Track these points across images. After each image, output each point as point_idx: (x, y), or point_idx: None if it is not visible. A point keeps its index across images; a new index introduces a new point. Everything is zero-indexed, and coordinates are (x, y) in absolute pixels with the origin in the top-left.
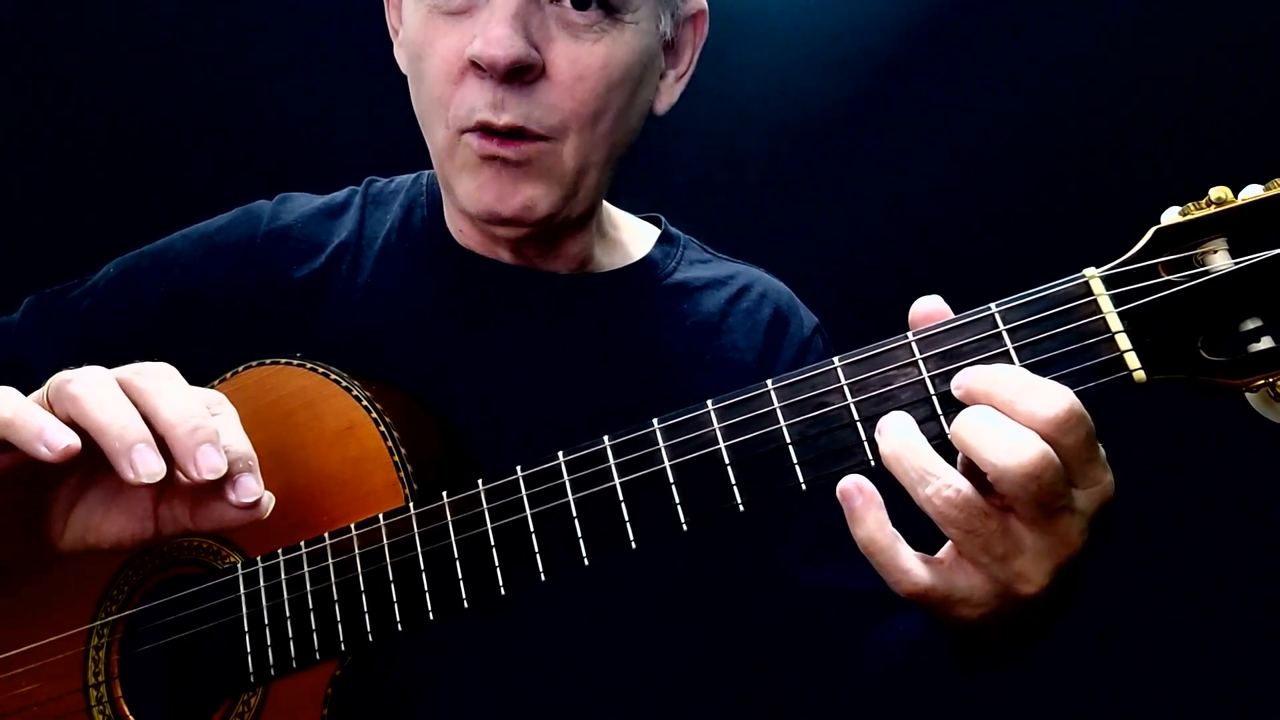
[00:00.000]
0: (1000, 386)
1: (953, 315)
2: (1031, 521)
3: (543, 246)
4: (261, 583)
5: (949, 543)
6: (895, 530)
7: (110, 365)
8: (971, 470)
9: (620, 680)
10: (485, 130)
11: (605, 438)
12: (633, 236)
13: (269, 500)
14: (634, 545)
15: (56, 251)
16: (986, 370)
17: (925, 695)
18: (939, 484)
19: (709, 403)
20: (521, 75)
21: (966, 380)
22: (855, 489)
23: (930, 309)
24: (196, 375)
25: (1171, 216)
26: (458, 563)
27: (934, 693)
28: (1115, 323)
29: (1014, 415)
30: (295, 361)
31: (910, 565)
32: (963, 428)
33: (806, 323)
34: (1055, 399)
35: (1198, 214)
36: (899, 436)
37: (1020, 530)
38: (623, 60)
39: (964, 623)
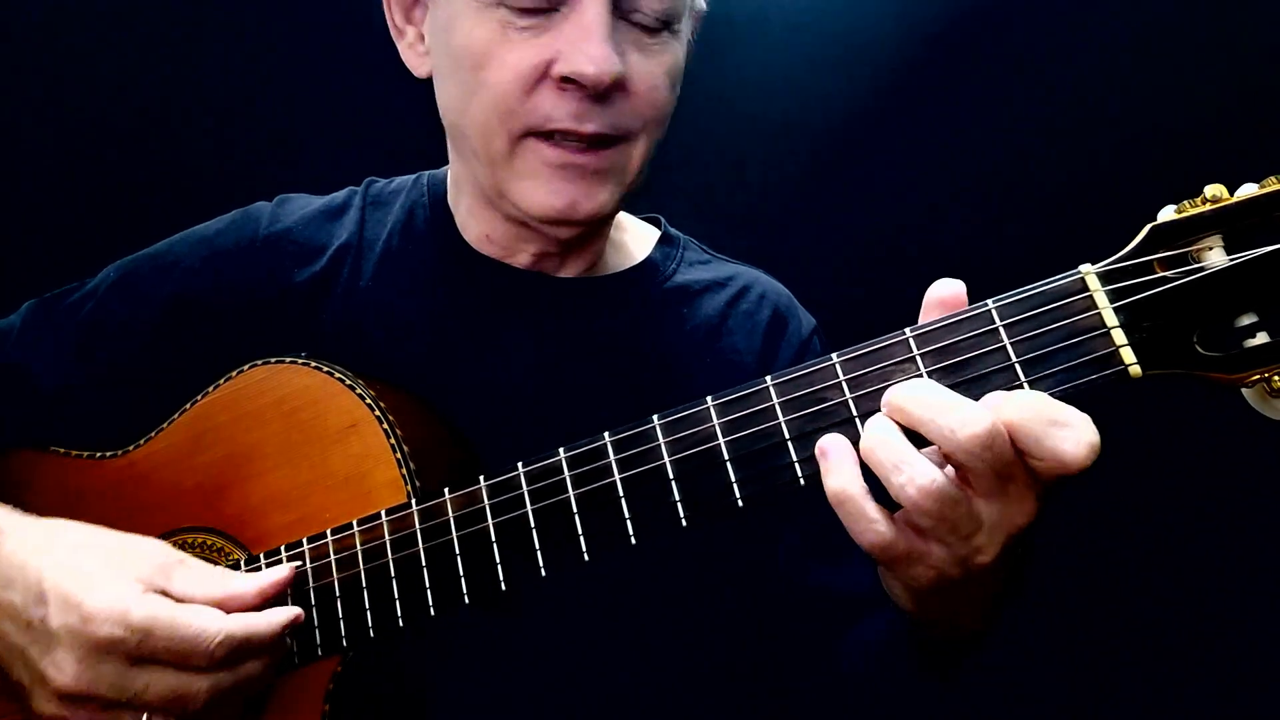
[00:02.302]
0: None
1: (964, 304)
2: (987, 494)
3: (572, 248)
4: None
5: None
6: (867, 485)
7: (113, 369)
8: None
9: (619, 678)
10: (561, 138)
11: (606, 434)
12: (634, 238)
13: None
14: (634, 541)
15: (53, 252)
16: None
17: (898, 690)
18: (911, 473)
19: (708, 399)
20: (611, 93)
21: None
22: (831, 444)
23: (946, 293)
24: (199, 377)
25: (1167, 214)
26: (459, 559)
27: (906, 688)
28: (1111, 318)
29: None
30: (299, 361)
31: (877, 515)
32: (907, 404)
33: (805, 324)
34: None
35: (1193, 211)
36: (877, 431)
37: (979, 505)
38: (677, 68)
39: (918, 583)
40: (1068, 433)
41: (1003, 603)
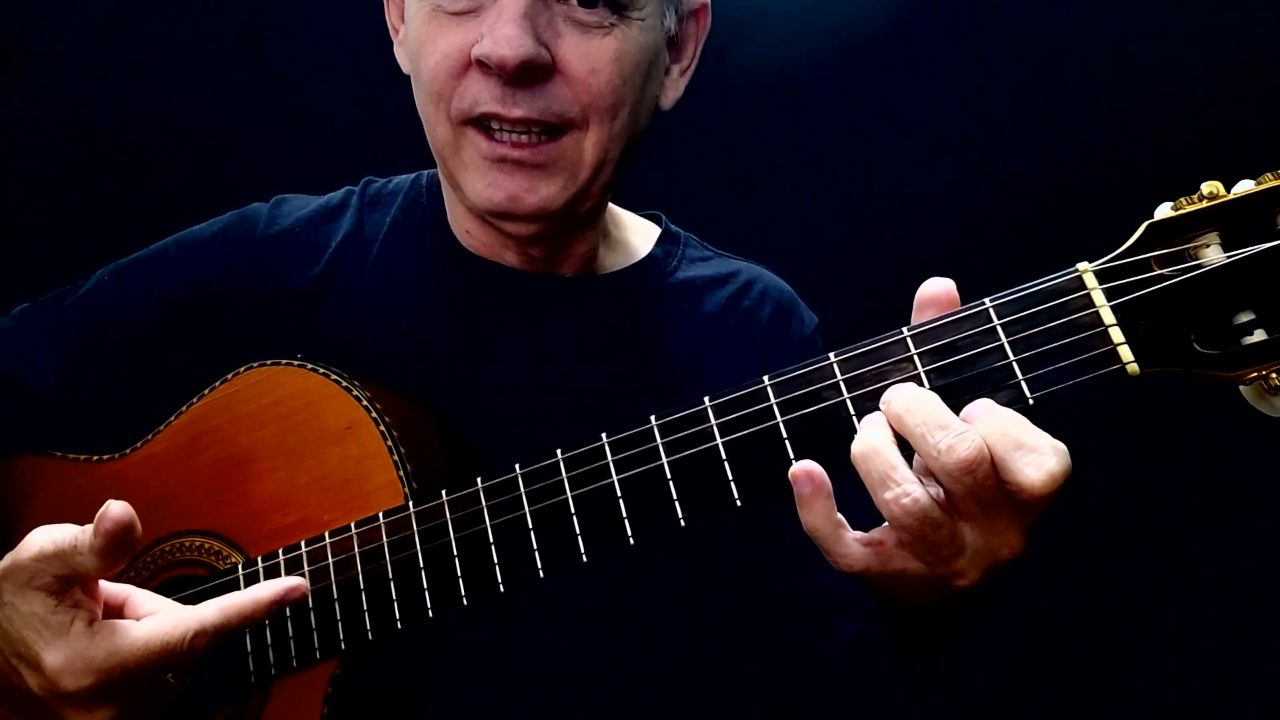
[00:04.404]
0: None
1: (956, 301)
2: (971, 518)
3: (550, 246)
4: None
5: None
6: (840, 517)
7: (108, 372)
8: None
9: (618, 679)
10: (491, 123)
11: (603, 435)
12: (635, 235)
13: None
14: (632, 541)
15: (48, 253)
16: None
17: (881, 675)
18: (898, 491)
19: (706, 399)
20: (531, 76)
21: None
22: (805, 476)
23: (938, 291)
24: (196, 380)
25: (1164, 211)
26: (456, 560)
27: (888, 672)
28: (1108, 316)
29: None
30: (296, 362)
31: (851, 549)
32: (904, 414)
33: (807, 321)
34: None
35: (1190, 208)
36: (871, 437)
37: (964, 531)
38: (632, 55)
39: (895, 590)
40: (1032, 457)
41: (980, 606)
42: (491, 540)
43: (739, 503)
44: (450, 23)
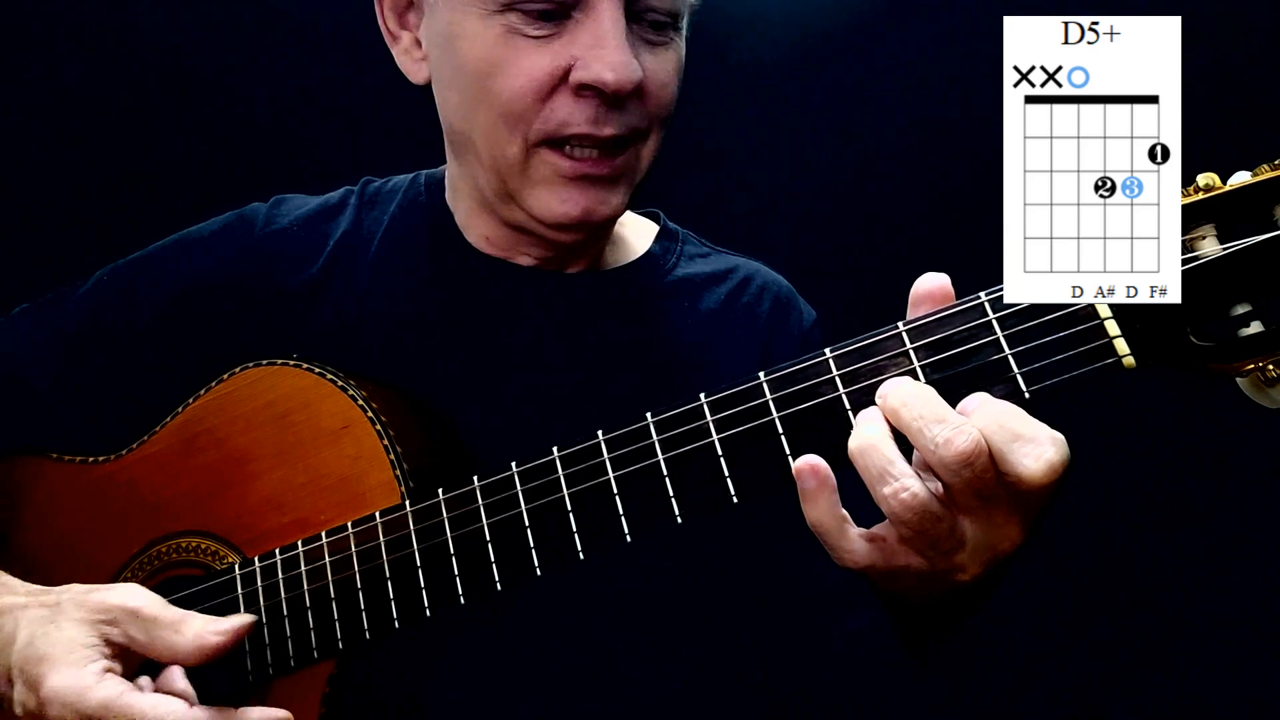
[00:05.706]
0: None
1: (951, 297)
2: (969, 512)
3: (579, 247)
4: (259, 583)
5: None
6: (844, 512)
7: (106, 373)
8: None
9: (618, 677)
10: (576, 144)
11: (599, 432)
12: (633, 232)
13: None
14: (629, 539)
15: (47, 254)
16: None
17: (888, 667)
18: (896, 485)
19: (702, 396)
20: (629, 98)
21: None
22: (810, 470)
23: (933, 286)
24: (193, 380)
25: None
26: (454, 559)
27: (895, 664)
28: (1105, 309)
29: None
30: (291, 362)
31: (856, 545)
32: (900, 409)
33: (806, 316)
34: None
35: (1185, 200)
36: (868, 433)
37: (964, 525)
38: (681, 64)
39: (897, 587)
40: (1030, 448)
41: (982, 599)
42: (488, 539)
43: (735, 499)
44: (530, 46)
